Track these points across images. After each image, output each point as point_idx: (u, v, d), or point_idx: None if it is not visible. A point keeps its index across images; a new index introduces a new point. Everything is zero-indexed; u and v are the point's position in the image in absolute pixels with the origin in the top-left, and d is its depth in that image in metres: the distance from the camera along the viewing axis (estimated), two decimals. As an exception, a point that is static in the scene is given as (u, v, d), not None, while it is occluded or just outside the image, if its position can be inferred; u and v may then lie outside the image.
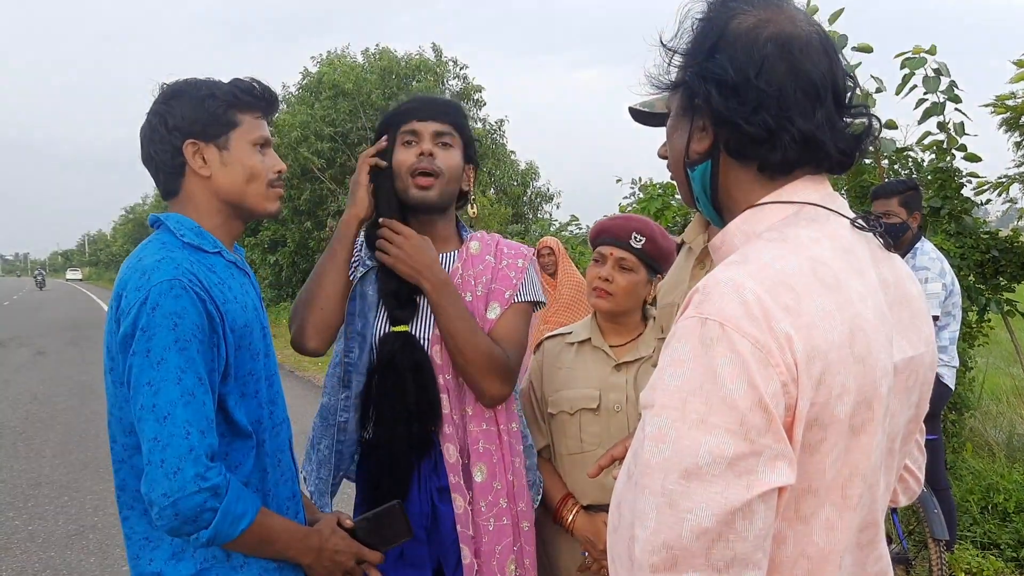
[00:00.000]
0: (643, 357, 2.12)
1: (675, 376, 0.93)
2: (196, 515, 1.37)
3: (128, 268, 1.50)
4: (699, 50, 1.06)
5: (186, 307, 1.42)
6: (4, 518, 5.36)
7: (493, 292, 1.97)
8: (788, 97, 1.01)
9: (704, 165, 1.10)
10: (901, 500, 1.29)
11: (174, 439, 1.37)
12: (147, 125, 1.61)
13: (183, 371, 1.40)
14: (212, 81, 1.63)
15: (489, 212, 17.75)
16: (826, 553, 0.99)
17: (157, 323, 1.40)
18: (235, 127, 1.59)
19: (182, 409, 1.38)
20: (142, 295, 1.42)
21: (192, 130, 1.56)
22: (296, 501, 1.69)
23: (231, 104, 1.59)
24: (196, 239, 1.56)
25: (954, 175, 4.76)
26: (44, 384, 10.95)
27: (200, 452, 1.38)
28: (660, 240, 2.11)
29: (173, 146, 1.57)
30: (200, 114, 1.57)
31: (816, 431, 0.94)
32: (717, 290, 0.95)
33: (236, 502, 1.43)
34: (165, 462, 1.37)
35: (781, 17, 1.04)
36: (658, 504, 0.91)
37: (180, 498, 1.36)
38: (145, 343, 1.40)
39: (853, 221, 1.07)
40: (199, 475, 1.37)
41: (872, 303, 1.00)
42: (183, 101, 1.57)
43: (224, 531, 1.41)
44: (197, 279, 1.47)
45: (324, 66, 21.63)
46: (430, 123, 1.93)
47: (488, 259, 2.01)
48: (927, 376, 1.13)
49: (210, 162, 1.58)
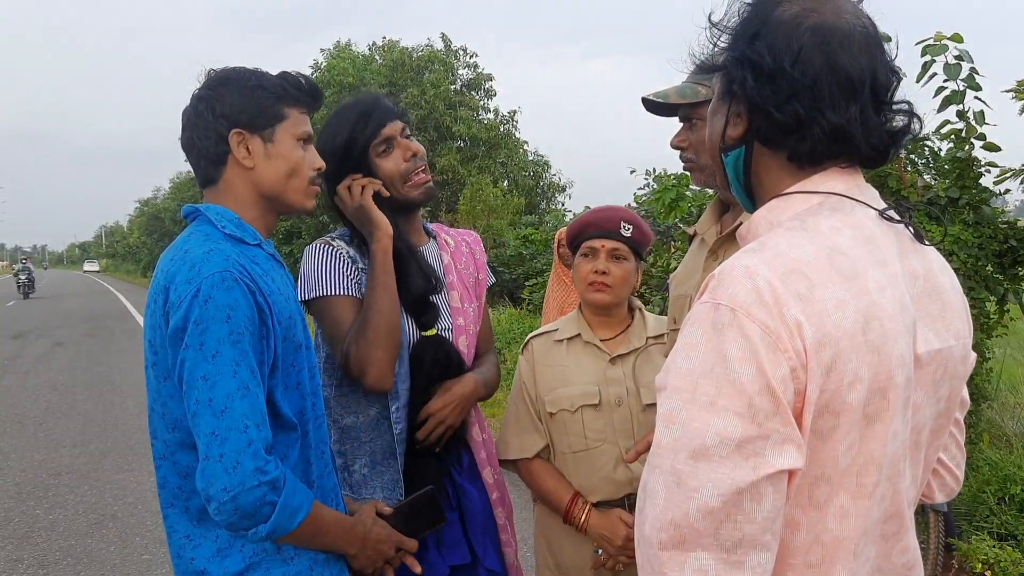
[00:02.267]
0: (636, 348, 2.11)
1: (687, 359, 0.95)
2: (256, 509, 1.36)
3: (174, 261, 1.47)
4: (742, 35, 1.07)
5: (238, 299, 1.41)
6: (25, 507, 5.43)
7: (480, 280, 2.14)
8: (822, 89, 1.01)
9: (738, 151, 1.11)
10: (937, 497, 1.28)
11: (232, 433, 1.36)
12: (192, 110, 1.59)
13: (238, 364, 1.38)
14: (261, 72, 1.61)
15: (502, 203, 17.73)
16: (840, 540, 1.00)
17: (211, 315, 1.38)
18: (282, 120, 1.58)
19: (239, 402, 1.37)
20: (193, 288, 1.40)
21: (239, 119, 1.55)
22: (337, 493, 1.69)
23: (279, 97, 1.58)
24: (237, 231, 1.55)
25: (972, 164, 4.71)
26: (63, 375, 11.06)
27: (259, 446, 1.37)
28: (644, 227, 2.14)
29: (218, 133, 1.55)
30: (249, 104, 1.55)
31: (828, 418, 0.95)
32: (731, 276, 0.97)
33: (293, 495, 1.42)
34: (224, 456, 1.35)
35: (826, 8, 1.04)
36: (667, 483, 0.93)
37: (240, 492, 1.35)
38: (199, 336, 1.38)
39: (882, 212, 1.06)
40: (259, 469, 1.36)
41: (892, 293, 1.00)
42: (232, 89, 1.56)
43: (283, 525, 1.41)
44: (246, 271, 1.46)
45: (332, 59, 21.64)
46: (395, 122, 1.94)
47: (464, 249, 2.13)
48: (958, 370, 1.12)
49: (254, 153, 1.56)
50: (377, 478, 1.90)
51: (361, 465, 1.90)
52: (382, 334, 1.80)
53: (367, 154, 1.91)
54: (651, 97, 1.82)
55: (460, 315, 1.99)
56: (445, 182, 21.25)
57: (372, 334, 1.80)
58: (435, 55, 23.16)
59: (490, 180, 19.63)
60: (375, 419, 1.90)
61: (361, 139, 1.90)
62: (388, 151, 1.92)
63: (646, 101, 1.85)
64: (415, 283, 1.91)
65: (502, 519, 2.07)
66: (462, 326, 1.97)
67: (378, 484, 1.90)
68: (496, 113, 24.27)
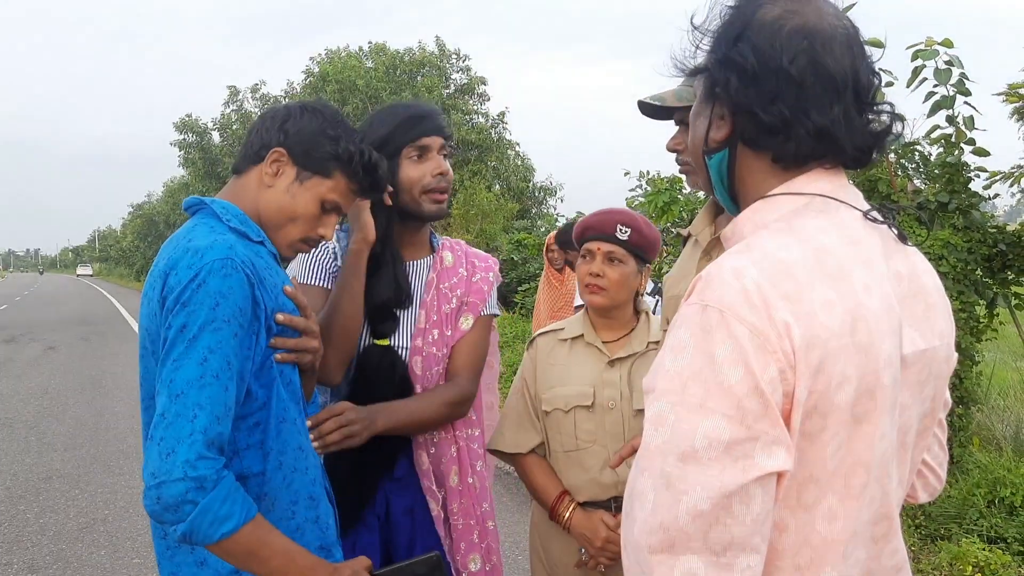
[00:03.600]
0: (636, 353, 2.12)
1: (676, 361, 0.95)
2: (176, 504, 1.28)
3: (176, 248, 1.45)
4: (725, 38, 1.07)
5: (232, 287, 1.39)
6: (16, 511, 5.41)
7: (469, 304, 2.04)
8: (806, 90, 1.01)
9: (722, 153, 1.11)
10: (921, 496, 1.28)
11: (179, 419, 1.31)
12: (278, 109, 1.62)
13: (212, 351, 1.35)
14: (348, 128, 1.61)
15: (496, 208, 17.73)
16: (829, 542, 0.99)
17: (199, 300, 1.36)
18: (325, 177, 1.58)
19: (197, 391, 1.33)
20: (193, 272, 1.38)
21: (292, 145, 1.56)
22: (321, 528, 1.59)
23: (339, 159, 1.58)
24: (241, 226, 1.54)
25: (962, 169, 4.74)
26: (55, 379, 11.01)
27: (199, 438, 1.31)
28: (645, 229, 2.12)
29: (269, 140, 1.57)
30: (312, 143, 1.56)
31: (816, 419, 0.95)
32: (719, 278, 0.96)
33: (222, 502, 1.31)
34: (164, 440, 1.30)
35: (808, 9, 1.04)
36: (656, 485, 0.92)
37: (166, 481, 1.28)
38: (183, 318, 1.36)
39: (866, 213, 1.07)
40: (188, 461, 1.29)
41: (878, 294, 1.00)
42: (313, 122, 1.58)
43: (201, 530, 1.30)
44: (250, 262, 1.45)
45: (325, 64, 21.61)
46: (438, 138, 1.93)
47: (461, 272, 2.06)
48: (942, 370, 1.12)
49: (280, 177, 1.57)
50: None
51: None
52: (336, 333, 1.82)
53: (399, 154, 1.90)
54: (648, 100, 1.82)
55: (420, 336, 1.96)
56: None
57: (327, 332, 1.80)
58: (428, 58, 23.16)
59: (483, 185, 19.63)
60: None
61: (400, 138, 1.90)
62: (420, 159, 1.91)
63: (642, 104, 1.85)
64: (381, 291, 1.90)
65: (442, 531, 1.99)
66: (419, 347, 1.94)
67: None
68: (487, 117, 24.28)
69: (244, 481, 1.45)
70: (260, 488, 1.48)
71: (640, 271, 2.15)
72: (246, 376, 1.44)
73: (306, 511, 1.55)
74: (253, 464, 1.47)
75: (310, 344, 1.58)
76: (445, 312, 2.00)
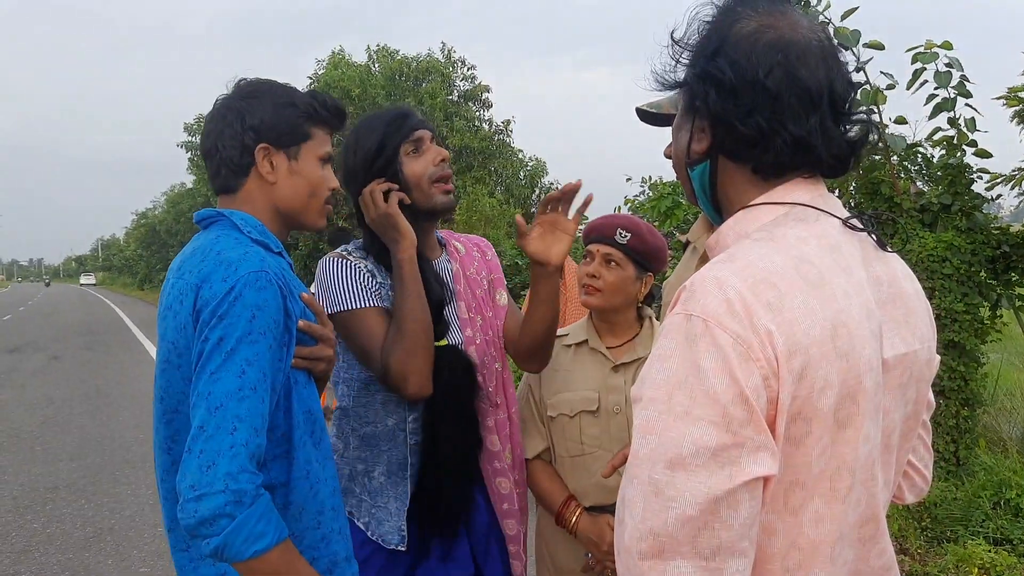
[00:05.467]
0: (641, 358, 2.12)
1: (661, 370, 0.97)
2: (213, 517, 1.27)
3: (206, 261, 1.45)
4: (702, 52, 1.09)
5: (268, 300, 1.40)
6: (23, 521, 5.42)
7: (495, 280, 2.12)
8: (782, 101, 1.04)
9: (703, 165, 1.14)
10: (907, 497, 1.30)
11: (219, 432, 1.30)
12: (219, 118, 1.58)
13: (249, 364, 1.35)
14: (292, 89, 1.62)
15: (498, 213, 17.75)
16: (817, 544, 1.02)
17: (236, 312, 1.37)
18: (307, 139, 1.59)
19: (236, 403, 1.32)
20: (228, 285, 1.38)
21: (268, 135, 1.55)
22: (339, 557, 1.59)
23: (308, 116, 1.58)
24: (261, 238, 1.54)
25: (964, 171, 4.74)
26: (60, 389, 11.04)
27: (241, 451, 1.30)
28: (647, 236, 2.13)
29: (244, 145, 1.55)
30: (279, 121, 1.56)
31: (800, 424, 0.97)
32: (702, 288, 0.99)
33: (259, 520, 1.30)
34: (204, 453, 1.29)
35: (783, 23, 1.06)
36: (645, 493, 0.95)
37: (206, 494, 1.26)
38: (220, 331, 1.36)
39: (845, 221, 1.09)
40: (230, 474, 1.28)
41: (858, 300, 1.03)
42: (264, 103, 1.56)
43: (234, 546, 1.28)
44: (281, 274, 1.46)
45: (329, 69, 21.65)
46: (426, 130, 1.94)
47: (475, 254, 2.11)
48: (923, 373, 1.14)
49: (278, 169, 1.57)
50: (392, 487, 1.90)
51: (379, 472, 1.90)
52: (420, 343, 1.79)
53: (396, 155, 1.89)
54: (645, 107, 1.84)
55: (468, 326, 1.98)
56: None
57: (410, 343, 1.77)
58: (434, 65, 23.22)
59: (486, 191, 19.67)
60: (392, 429, 1.89)
61: (393, 140, 1.89)
62: (417, 153, 1.91)
63: (640, 112, 1.86)
64: (433, 292, 1.88)
65: (513, 530, 2.05)
66: (470, 337, 1.96)
67: (392, 494, 1.89)
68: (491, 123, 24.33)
69: (271, 492, 1.44)
70: (286, 497, 1.48)
71: (640, 278, 2.15)
72: (278, 387, 1.43)
73: (331, 521, 1.55)
74: (279, 475, 1.47)
75: (325, 352, 1.59)
76: (480, 296, 2.04)
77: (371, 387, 1.88)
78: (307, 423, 1.52)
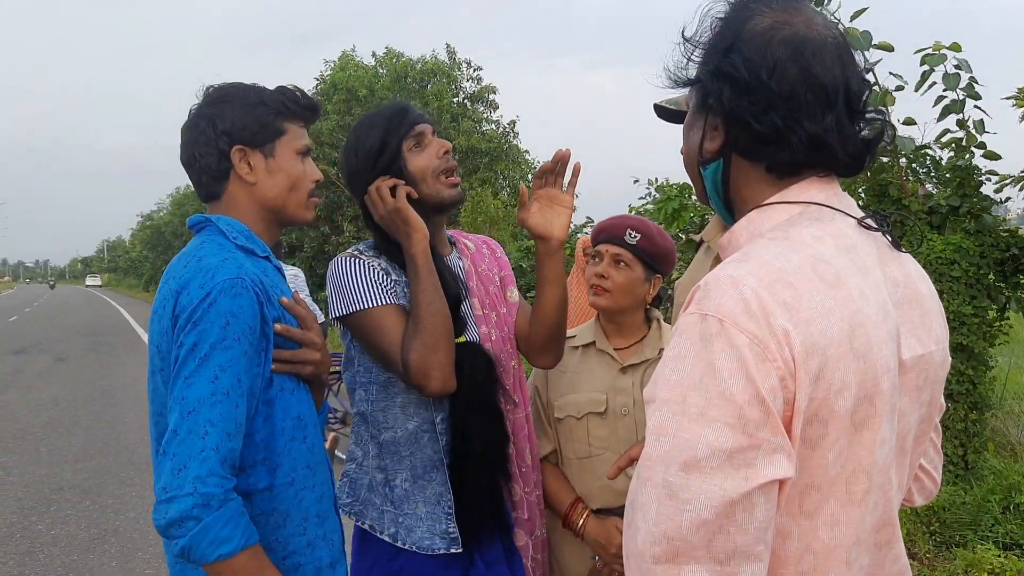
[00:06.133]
0: (649, 359, 2.12)
1: (676, 371, 0.96)
2: (181, 519, 1.31)
3: (187, 267, 1.47)
4: (716, 49, 1.08)
5: (243, 307, 1.42)
6: (28, 522, 5.42)
7: (506, 277, 2.09)
8: (798, 99, 1.02)
9: (716, 164, 1.13)
10: (917, 500, 1.29)
11: (191, 436, 1.34)
12: (192, 127, 1.60)
13: (223, 369, 1.38)
14: (260, 87, 1.63)
15: (504, 215, 17.76)
16: (831, 548, 1.00)
17: (211, 319, 1.39)
18: (282, 135, 1.60)
19: (208, 408, 1.35)
20: (204, 291, 1.41)
21: (241, 136, 1.56)
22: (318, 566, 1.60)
23: (279, 112, 1.60)
24: (247, 243, 1.56)
25: (973, 173, 4.72)
26: (65, 390, 11.06)
27: (211, 455, 1.33)
28: (657, 238, 2.12)
29: (220, 150, 1.56)
30: (250, 120, 1.57)
31: (816, 426, 0.96)
32: (717, 287, 0.97)
33: (224, 524, 1.33)
34: (176, 456, 1.33)
35: (797, 20, 1.05)
36: (659, 496, 0.93)
37: (176, 496, 1.31)
38: (195, 337, 1.39)
39: (860, 221, 1.08)
40: (199, 477, 1.32)
41: (875, 300, 1.01)
42: (233, 106, 1.57)
43: (199, 548, 1.31)
44: (259, 280, 1.47)
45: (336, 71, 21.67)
46: (426, 124, 1.91)
47: (484, 251, 2.10)
48: (938, 375, 1.13)
49: (256, 168, 1.58)
50: (419, 492, 1.84)
51: (402, 480, 1.85)
52: (441, 336, 1.74)
53: (400, 151, 1.86)
54: (663, 104, 1.83)
55: (483, 323, 1.95)
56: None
57: (430, 338, 1.72)
58: (439, 66, 23.23)
59: (491, 192, 19.67)
60: (414, 432, 1.84)
61: (395, 136, 1.86)
62: (420, 147, 1.88)
63: (658, 108, 1.85)
64: (449, 288, 1.84)
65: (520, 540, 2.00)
66: (485, 334, 1.94)
67: (420, 498, 1.84)
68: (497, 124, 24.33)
69: (250, 497, 1.46)
70: (270, 504, 1.49)
71: (649, 280, 2.14)
72: (256, 393, 1.45)
73: (316, 527, 1.56)
74: (259, 480, 1.48)
75: (309, 356, 1.58)
76: (493, 292, 2.02)
77: (390, 389, 1.84)
78: (295, 429, 1.52)
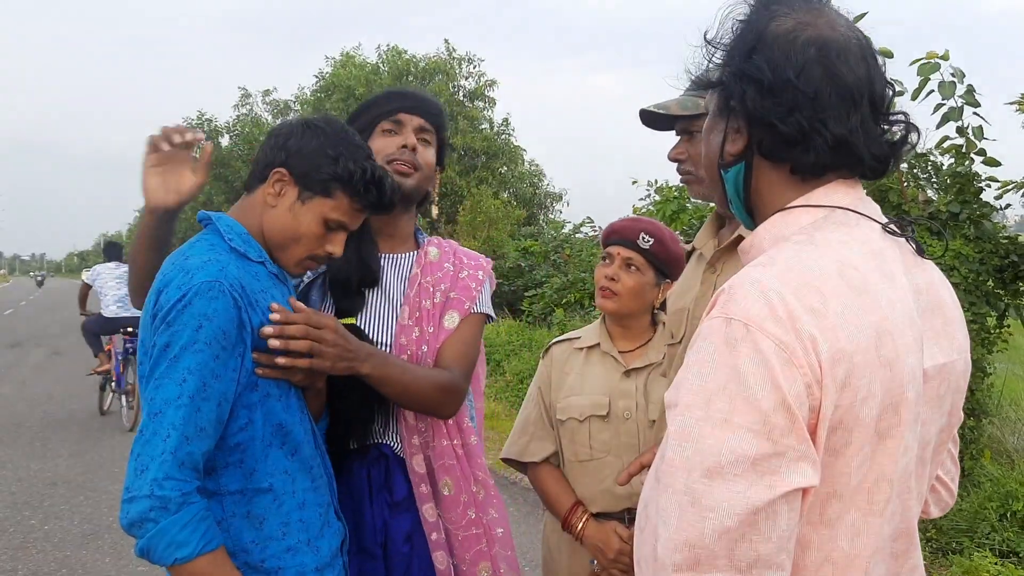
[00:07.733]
0: (653, 363, 2.10)
1: (699, 375, 0.94)
2: (140, 520, 1.33)
3: (174, 266, 1.47)
4: (738, 51, 1.07)
5: (218, 310, 1.40)
6: (21, 517, 5.40)
7: (452, 301, 1.89)
8: (823, 100, 1.01)
9: (738, 167, 1.11)
10: (933, 511, 1.27)
11: (155, 438, 1.35)
12: (281, 126, 1.63)
13: (191, 372, 1.37)
14: (351, 143, 1.57)
15: (503, 215, 17.75)
16: (851, 558, 0.99)
17: (184, 321, 1.39)
18: (325, 197, 1.55)
19: (173, 410, 1.36)
20: (181, 292, 1.41)
21: (292, 165, 1.55)
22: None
23: (340, 179, 1.54)
24: (242, 245, 1.55)
25: (973, 179, 4.71)
26: (60, 384, 11.05)
27: (169, 459, 1.34)
28: (669, 243, 2.10)
29: (271, 161, 1.56)
30: (310, 164, 1.54)
31: (841, 434, 0.94)
32: (742, 291, 0.96)
33: (182, 528, 1.33)
34: (139, 457, 1.35)
35: (821, 21, 1.04)
36: (680, 503, 0.91)
37: (135, 497, 1.33)
38: (167, 337, 1.39)
39: (885, 226, 1.06)
40: (156, 480, 1.32)
41: (901, 308, 1.00)
42: (315, 139, 1.55)
43: (156, 550, 1.33)
44: (240, 284, 1.46)
45: (337, 67, 21.66)
46: (416, 117, 1.86)
47: (447, 267, 1.93)
48: (959, 384, 1.12)
49: (282, 198, 1.56)
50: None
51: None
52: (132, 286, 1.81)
53: (374, 127, 1.83)
54: (652, 108, 1.80)
55: (404, 333, 1.85)
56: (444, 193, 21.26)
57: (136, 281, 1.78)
58: (439, 64, 23.22)
59: (490, 191, 19.65)
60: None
61: (375, 111, 1.84)
62: (390, 133, 1.84)
63: (644, 113, 1.83)
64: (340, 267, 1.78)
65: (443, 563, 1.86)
66: (403, 345, 1.83)
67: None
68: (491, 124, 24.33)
69: (221, 499, 1.47)
70: (243, 507, 1.49)
71: (658, 285, 2.12)
72: (230, 397, 1.44)
73: (299, 533, 1.55)
74: (230, 483, 1.48)
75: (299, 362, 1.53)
76: (427, 308, 1.87)
77: None
78: (276, 435, 1.51)
